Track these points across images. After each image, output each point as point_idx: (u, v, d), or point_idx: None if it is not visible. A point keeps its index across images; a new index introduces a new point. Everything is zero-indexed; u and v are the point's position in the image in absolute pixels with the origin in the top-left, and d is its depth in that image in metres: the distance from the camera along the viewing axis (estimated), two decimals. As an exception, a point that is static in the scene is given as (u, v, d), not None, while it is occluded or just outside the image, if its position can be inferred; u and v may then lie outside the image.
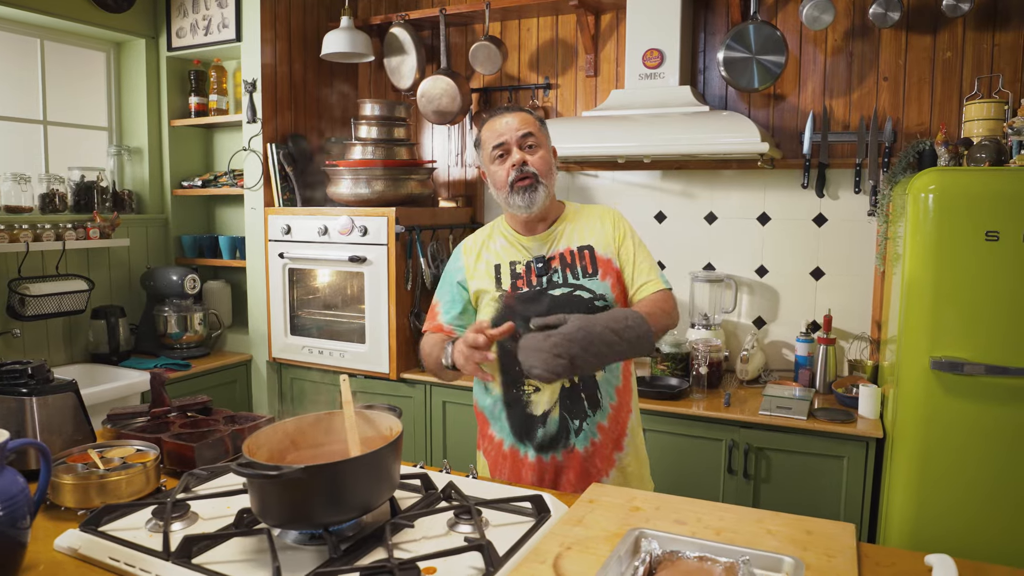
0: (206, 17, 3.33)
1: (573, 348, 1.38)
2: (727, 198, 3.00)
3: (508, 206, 1.73)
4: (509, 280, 1.75)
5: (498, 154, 1.72)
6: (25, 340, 3.01)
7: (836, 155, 2.79)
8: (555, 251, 1.75)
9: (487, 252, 1.81)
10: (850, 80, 2.76)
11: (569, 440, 1.71)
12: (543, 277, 1.73)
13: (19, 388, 1.57)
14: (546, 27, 3.30)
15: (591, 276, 1.72)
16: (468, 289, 1.81)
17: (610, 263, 1.73)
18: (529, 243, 1.77)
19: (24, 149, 3.20)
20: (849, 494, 2.33)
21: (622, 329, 1.45)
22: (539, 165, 1.71)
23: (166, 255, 3.62)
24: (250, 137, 3.28)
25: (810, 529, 1.28)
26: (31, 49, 3.20)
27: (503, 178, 1.70)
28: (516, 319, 1.66)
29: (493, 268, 1.78)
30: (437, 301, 1.89)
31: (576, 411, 1.72)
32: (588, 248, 1.75)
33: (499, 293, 1.75)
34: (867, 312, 2.80)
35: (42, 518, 1.39)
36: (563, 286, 1.71)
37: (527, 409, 1.73)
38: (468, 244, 1.87)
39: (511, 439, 1.77)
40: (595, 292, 1.70)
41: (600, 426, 1.72)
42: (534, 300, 1.71)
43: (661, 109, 2.72)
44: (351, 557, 1.17)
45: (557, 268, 1.73)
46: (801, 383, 2.72)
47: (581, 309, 1.66)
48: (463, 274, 1.82)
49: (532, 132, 1.72)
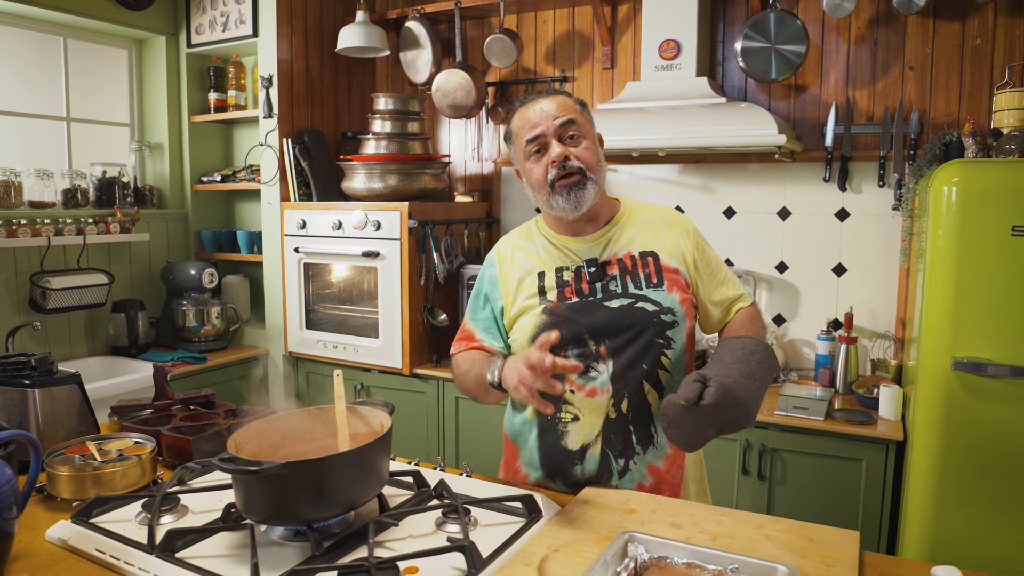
0: (224, 13, 3.35)
1: (714, 420, 1.24)
2: (746, 192, 2.93)
3: (550, 208, 1.48)
4: (555, 289, 1.50)
5: (534, 149, 1.46)
6: (48, 332, 3.07)
7: (859, 147, 2.70)
8: (612, 255, 1.51)
9: (526, 258, 1.56)
10: (874, 69, 2.66)
11: (611, 482, 1.47)
12: (597, 284, 1.48)
13: (22, 380, 1.58)
14: (562, 19, 3.25)
15: (656, 287, 1.47)
16: (495, 301, 1.57)
17: (677, 274, 1.49)
18: (578, 246, 1.52)
19: (48, 146, 3.25)
20: (868, 498, 2.26)
21: (757, 369, 1.30)
22: (585, 157, 1.45)
23: (186, 250, 3.66)
24: (267, 132, 3.30)
25: (812, 536, 1.23)
26: (55, 47, 3.25)
27: (541, 177, 1.45)
28: (563, 333, 1.44)
29: (536, 276, 1.52)
30: (468, 319, 1.63)
31: (622, 448, 1.47)
32: (652, 255, 1.50)
33: (544, 305, 1.49)
34: (891, 310, 2.71)
35: (39, 508, 1.40)
36: (623, 296, 1.47)
37: (562, 441, 1.48)
38: (502, 248, 1.61)
39: (538, 474, 1.52)
40: (661, 305, 1.46)
41: (652, 468, 1.47)
42: (587, 311, 1.46)
43: (677, 101, 2.66)
44: (333, 555, 1.15)
45: (615, 275, 1.48)
46: (821, 383, 2.64)
47: (644, 323, 1.45)
48: (495, 283, 1.57)
49: (574, 119, 1.45)
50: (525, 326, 1.50)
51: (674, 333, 1.47)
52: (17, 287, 2.95)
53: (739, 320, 1.55)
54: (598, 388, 1.46)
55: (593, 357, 1.46)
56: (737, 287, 1.59)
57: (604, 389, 1.46)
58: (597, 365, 1.46)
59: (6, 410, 1.57)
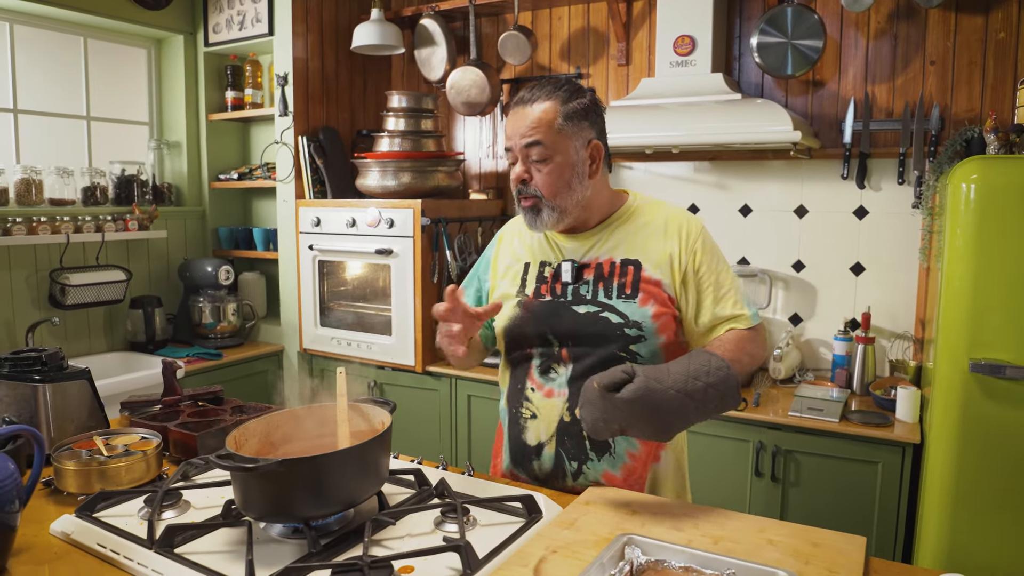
0: (240, 12, 3.37)
1: (625, 418, 1.20)
2: (763, 190, 2.89)
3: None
4: (534, 284, 1.50)
5: (510, 158, 1.46)
6: (67, 328, 3.11)
7: (878, 144, 2.65)
8: (593, 258, 1.48)
9: (521, 245, 1.58)
10: (894, 64, 2.61)
11: (566, 480, 1.48)
12: (568, 287, 1.47)
13: (32, 375, 1.60)
14: (577, 15, 3.23)
15: (628, 298, 1.42)
16: (484, 282, 1.63)
17: (659, 287, 1.42)
18: (566, 243, 1.51)
19: (69, 144, 3.30)
20: (884, 502, 2.21)
21: (700, 391, 1.21)
22: (544, 184, 1.40)
23: (203, 247, 3.69)
24: (282, 130, 3.31)
25: (816, 541, 1.20)
26: (75, 47, 3.30)
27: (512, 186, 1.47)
28: (530, 330, 1.47)
29: (522, 267, 1.54)
30: (462, 290, 1.63)
31: (575, 452, 1.46)
32: (634, 263, 1.44)
33: (519, 298, 1.51)
34: (911, 310, 2.65)
35: (46, 502, 1.42)
36: (590, 303, 1.44)
37: (522, 435, 1.52)
38: (506, 230, 1.64)
39: (508, 462, 1.58)
40: (627, 318, 1.40)
41: (607, 474, 1.45)
42: (553, 313, 1.46)
43: (691, 98, 2.63)
44: (329, 553, 1.15)
45: (589, 280, 1.46)
46: (837, 383, 2.60)
47: (606, 334, 1.41)
48: (488, 264, 1.63)
49: (541, 140, 1.39)
50: (503, 315, 1.52)
51: (640, 347, 1.41)
52: (37, 283, 2.99)
53: (726, 338, 1.41)
54: (555, 389, 1.47)
55: (555, 359, 1.47)
56: (739, 306, 1.44)
57: (560, 392, 1.46)
58: (557, 367, 1.47)
59: (17, 405, 1.59)
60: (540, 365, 1.48)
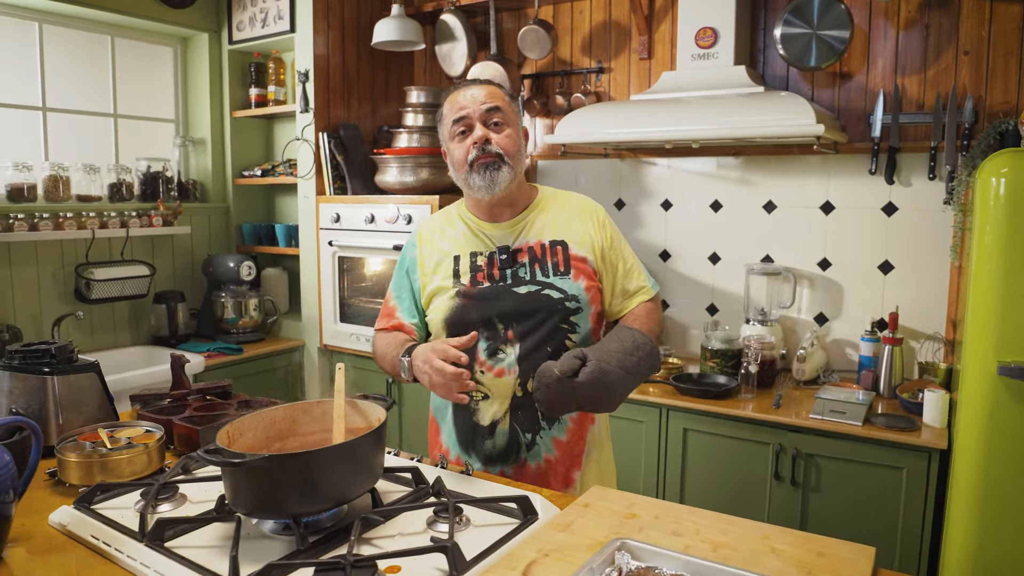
0: (263, 10, 3.40)
1: (582, 397, 1.38)
2: (787, 185, 2.81)
3: (468, 188, 1.55)
4: (468, 274, 1.58)
5: (459, 130, 1.53)
6: (93, 322, 3.17)
7: (908, 138, 2.55)
8: (523, 243, 1.58)
9: (444, 240, 1.63)
10: (925, 55, 2.51)
11: (520, 455, 1.57)
12: (507, 271, 1.56)
13: (42, 367, 1.62)
14: (599, 9, 3.18)
15: (563, 275, 1.56)
16: (415, 282, 1.65)
17: (585, 263, 1.57)
18: (493, 231, 1.59)
19: (96, 141, 3.36)
20: (908, 509, 2.13)
21: (635, 365, 1.43)
22: (505, 144, 1.52)
23: (227, 243, 3.73)
24: (303, 127, 3.33)
25: (822, 550, 1.15)
26: (103, 46, 3.35)
27: (462, 157, 1.52)
28: (474, 316, 1.54)
29: (452, 259, 1.60)
30: (391, 295, 1.70)
31: (528, 423, 1.56)
32: (561, 244, 1.58)
33: (456, 288, 1.57)
34: (941, 310, 2.55)
35: (49, 493, 1.43)
36: (530, 283, 1.55)
37: (474, 417, 1.58)
38: (424, 230, 1.67)
39: (456, 449, 1.63)
40: (566, 292, 1.55)
41: (556, 441, 1.58)
42: (496, 297, 1.55)
43: (713, 91, 2.56)
44: (317, 550, 1.14)
45: (524, 263, 1.56)
46: (863, 385, 2.51)
47: (549, 310, 1.54)
48: (415, 264, 1.65)
49: (499, 107, 1.53)
50: (439, 307, 1.59)
51: (578, 319, 1.56)
52: (64, 278, 3.05)
53: (638, 312, 1.62)
54: (506, 369, 1.55)
55: (501, 340, 1.55)
56: (642, 278, 1.65)
57: (511, 370, 1.55)
58: (505, 347, 1.55)
59: (26, 396, 1.61)
60: (487, 348, 1.55)
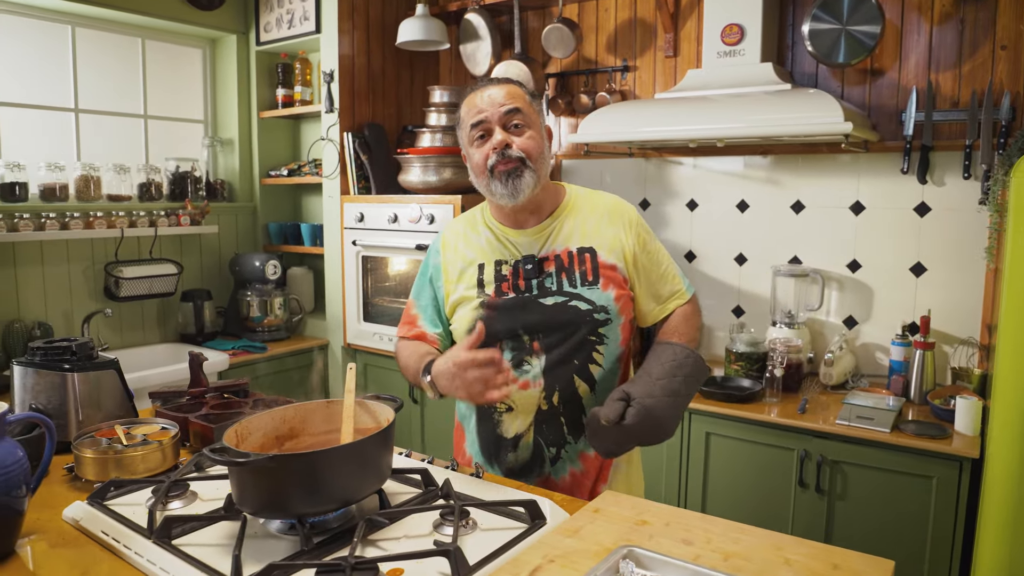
0: (289, 11, 3.43)
1: (635, 436, 1.35)
2: (816, 185, 2.74)
3: (490, 195, 1.49)
4: (493, 284, 1.51)
5: (478, 134, 1.47)
6: (122, 320, 3.23)
7: (942, 136, 2.47)
8: (550, 251, 1.51)
9: (469, 248, 1.56)
10: (960, 50, 2.43)
11: (544, 468, 1.52)
12: (533, 281, 1.50)
13: (63, 364, 1.65)
14: (624, 7, 3.14)
15: (591, 284, 1.48)
16: (438, 290, 1.59)
17: (615, 270, 1.50)
18: (519, 239, 1.52)
19: (126, 142, 3.42)
20: (938, 520, 2.06)
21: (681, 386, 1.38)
22: (527, 147, 1.45)
23: (254, 242, 3.77)
24: (328, 127, 3.35)
25: (838, 563, 1.11)
26: (134, 48, 3.41)
27: (481, 162, 1.46)
28: (499, 328, 1.48)
29: (476, 268, 1.54)
30: (413, 302, 1.64)
31: (553, 437, 1.51)
32: (590, 251, 1.50)
33: (481, 299, 1.52)
34: (976, 314, 2.47)
35: (66, 488, 1.45)
36: (557, 294, 1.49)
37: (497, 429, 1.54)
38: (447, 236, 1.61)
39: (479, 458, 1.59)
40: (594, 303, 1.48)
41: (583, 455, 1.52)
42: (522, 308, 1.49)
43: (739, 89, 2.51)
44: (321, 551, 1.13)
45: (551, 272, 1.49)
46: (893, 391, 2.44)
47: (577, 322, 1.47)
48: (438, 271, 1.59)
49: (519, 108, 1.45)
50: (463, 317, 1.54)
51: (607, 330, 1.50)
52: (94, 276, 3.11)
53: (675, 320, 1.55)
54: (531, 381, 1.50)
55: (527, 351, 1.50)
56: (677, 280, 1.58)
57: (536, 382, 1.50)
58: (530, 359, 1.50)
59: (47, 392, 1.63)
60: (512, 359, 1.50)
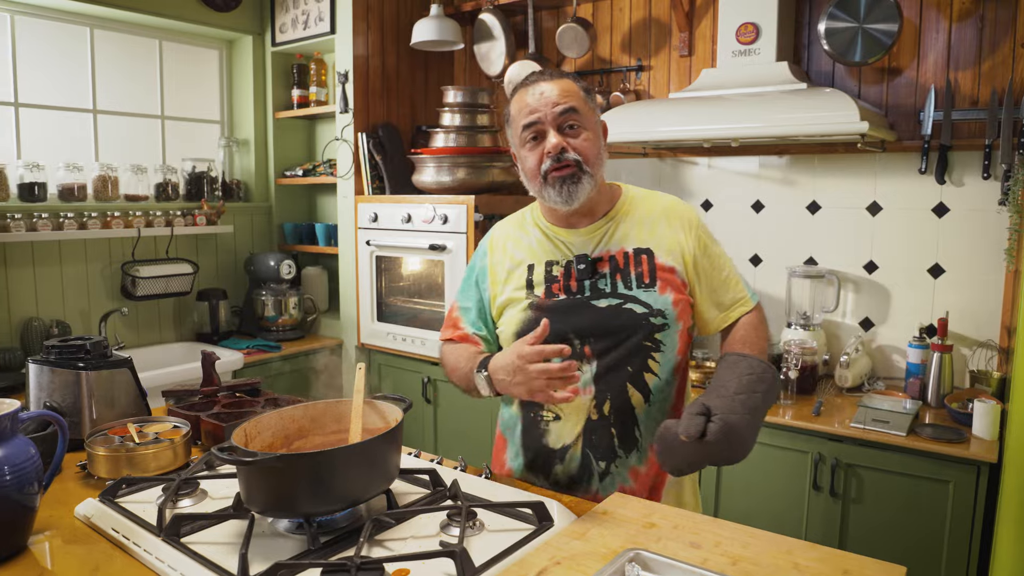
0: (305, 12, 3.44)
1: (711, 455, 1.23)
2: (832, 185, 2.71)
3: (543, 199, 1.44)
4: (543, 285, 1.45)
5: (530, 136, 1.40)
6: (139, 319, 3.26)
7: (961, 135, 2.43)
8: (604, 251, 1.44)
9: (518, 248, 1.51)
10: (980, 48, 2.39)
11: (591, 484, 1.44)
12: (585, 282, 1.43)
13: (77, 363, 1.66)
14: (639, 6, 3.13)
15: (648, 287, 1.41)
16: (484, 292, 1.54)
17: (673, 273, 1.42)
18: (571, 239, 1.46)
19: (144, 142, 3.45)
20: (955, 525, 2.03)
21: (760, 401, 1.27)
22: (583, 149, 1.38)
23: (269, 241, 3.80)
24: (342, 127, 3.36)
25: (848, 568, 1.09)
26: (151, 50, 3.45)
27: (535, 166, 1.39)
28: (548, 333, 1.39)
29: (525, 268, 1.48)
30: (456, 304, 1.59)
31: (603, 450, 1.43)
32: (647, 252, 1.43)
33: (530, 300, 1.46)
34: (995, 316, 2.43)
35: (78, 485, 1.47)
36: (611, 296, 1.41)
37: (543, 439, 1.46)
38: (496, 237, 1.56)
39: (522, 471, 1.51)
40: (651, 307, 1.40)
41: (634, 471, 1.44)
42: (573, 311, 1.42)
43: (753, 88, 2.49)
44: (327, 551, 1.13)
45: (605, 273, 1.43)
46: (910, 394, 2.41)
47: (632, 326, 1.39)
48: (484, 273, 1.54)
49: (575, 107, 1.38)
50: (511, 320, 1.47)
51: (664, 336, 1.42)
52: (111, 275, 3.15)
53: (743, 330, 1.45)
54: (580, 388, 1.41)
55: (577, 356, 1.41)
56: (740, 287, 1.48)
57: (586, 389, 1.42)
58: (581, 365, 1.41)
59: (61, 390, 1.65)
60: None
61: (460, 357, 1.48)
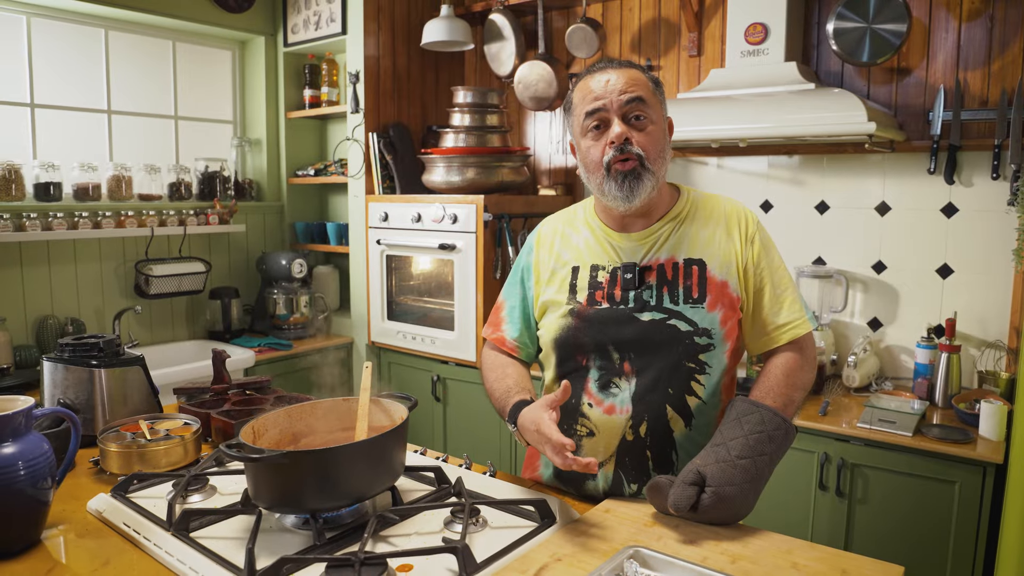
0: (316, 13, 3.47)
1: (702, 522, 1.22)
2: (841, 186, 2.70)
3: (602, 194, 1.34)
4: (586, 290, 1.38)
5: (593, 124, 1.31)
6: (152, 317, 3.30)
7: (970, 135, 2.42)
8: (654, 259, 1.36)
9: (565, 247, 1.44)
10: (989, 48, 2.38)
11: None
12: (630, 292, 1.35)
13: (90, 360, 1.70)
14: (648, 6, 3.13)
15: (696, 303, 1.32)
16: (528, 290, 1.49)
17: (725, 288, 1.34)
18: (622, 243, 1.38)
19: (157, 142, 3.49)
20: (961, 526, 2.03)
21: (766, 464, 1.21)
22: (648, 145, 1.30)
23: (281, 240, 3.83)
24: (353, 127, 3.39)
25: (846, 567, 1.10)
26: (165, 51, 3.49)
27: (597, 157, 1.31)
28: (586, 340, 1.36)
29: (570, 271, 1.41)
30: (503, 301, 1.53)
31: (636, 473, 1.36)
32: (699, 263, 1.34)
33: (571, 306, 1.39)
34: (1004, 317, 2.42)
35: (91, 480, 1.50)
36: (656, 310, 1.33)
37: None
38: (543, 233, 1.49)
39: (554, 480, 1.47)
40: (696, 325, 1.32)
41: None
42: (614, 322, 1.34)
43: (762, 88, 2.49)
44: (333, 546, 1.16)
45: (652, 284, 1.34)
46: (917, 394, 2.40)
47: (673, 344, 1.32)
48: (529, 270, 1.48)
49: (642, 97, 1.29)
50: (550, 325, 1.42)
51: (709, 357, 1.34)
52: (125, 274, 3.19)
53: (774, 374, 1.34)
54: (617, 406, 1.36)
55: (616, 372, 1.36)
56: (795, 309, 1.36)
57: (623, 408, 1.35)
58: (619, 381, 1.36)
59: (75, 387, 1.68)
60: (599, 379, 1.37)
61: (496, 381, 1.45)
